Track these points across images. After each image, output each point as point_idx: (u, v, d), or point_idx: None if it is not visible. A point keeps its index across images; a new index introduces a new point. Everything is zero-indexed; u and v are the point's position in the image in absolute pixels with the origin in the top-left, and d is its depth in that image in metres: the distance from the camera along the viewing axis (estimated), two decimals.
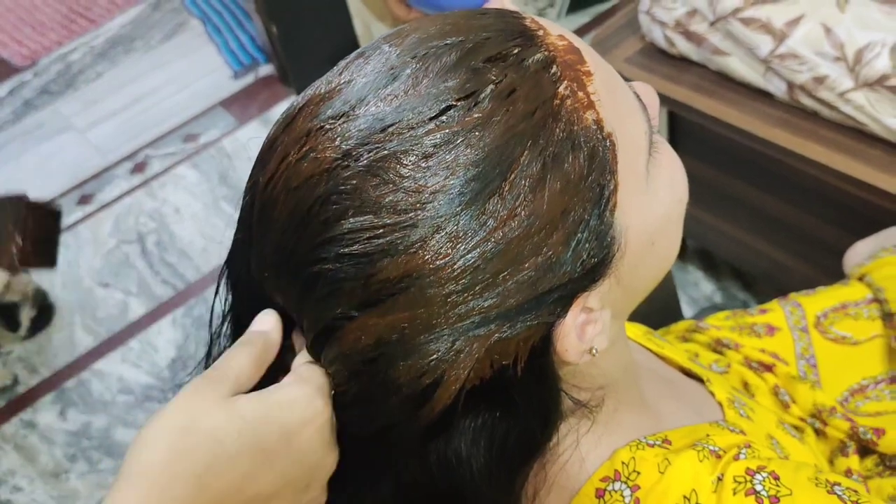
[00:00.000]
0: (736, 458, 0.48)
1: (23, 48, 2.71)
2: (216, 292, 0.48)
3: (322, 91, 0.42)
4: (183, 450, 0.38)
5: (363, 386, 0.42)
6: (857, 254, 0.92)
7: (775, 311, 0.82)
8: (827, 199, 1.18)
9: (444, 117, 0.39)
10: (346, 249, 0.39)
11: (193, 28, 2.64)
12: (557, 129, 0.40)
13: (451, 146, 0.39)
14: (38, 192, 2.21)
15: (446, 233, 0.38)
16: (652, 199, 0.46)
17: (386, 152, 0.39)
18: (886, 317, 0.79)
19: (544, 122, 0.40)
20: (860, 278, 0.85)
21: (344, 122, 0.40)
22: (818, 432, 0.72)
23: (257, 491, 0.40)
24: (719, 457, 0.48)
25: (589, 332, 0.43)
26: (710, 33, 1.17)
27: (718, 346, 0.79)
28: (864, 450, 0.71)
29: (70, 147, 2.34)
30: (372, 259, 0.39)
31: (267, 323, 0.45)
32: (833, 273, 0.93)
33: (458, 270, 0.38)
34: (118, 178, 2.21)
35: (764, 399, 0.73)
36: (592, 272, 0.42)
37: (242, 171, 2.15)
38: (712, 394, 0.60)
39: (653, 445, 0.49)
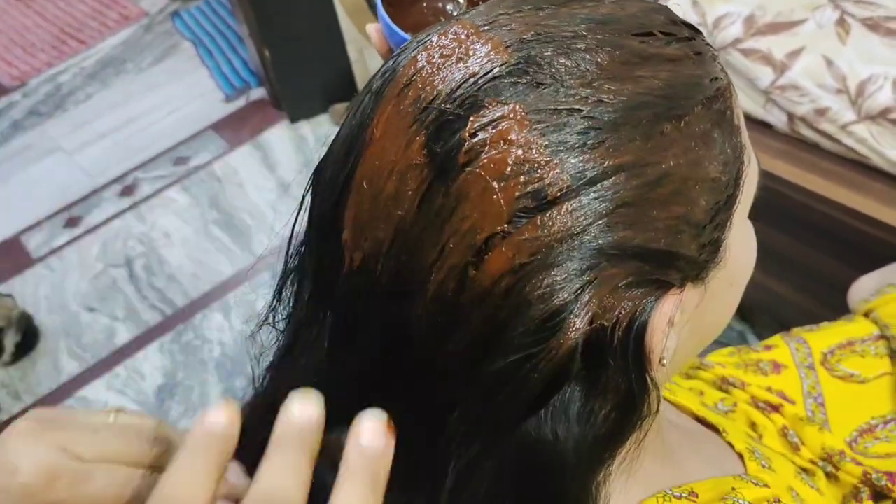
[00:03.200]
0: None
1: (12, 69, 2.69)
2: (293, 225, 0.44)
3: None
4: None
5: (489, 316, 0.37)
6: (862, 289, 0.90)
7: (780, 348, 0.81)
8: (827, 231, 1.17)
9: (647, 38, 0.40)
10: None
11: (185, 51, 2.62)
12: (724, 107, 0.41)
13: (648, 62, 0.39)
14: (26, 214, 2.19)
15: (627, 132, 0.37)
16: (747, 242, 0.46)
17: (587, 44, 0.39)
18: (894, 354, 0.77)
19: (718, 93, 0.41)
20: (866, 314, 0.84)
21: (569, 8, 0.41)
22: (829, 475, 0.70)
23: None
24: None
25: (668, 342, 0.40)
26: None
27: (724, 385, 0.77)
28: (878, 494, 0.69)
29: (58, 169, 2.31)
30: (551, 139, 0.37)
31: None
32: (833, 306, 0.92)
33: (618, 176, 0.37)
34: (106, 201, 2.19)
35: (772, 440, 0.72)
36: (703, 265, 0.41)
37: (233, 196, 2.13)
38: (730, 444, 0.58)
39: (679, 497, 0.47)
